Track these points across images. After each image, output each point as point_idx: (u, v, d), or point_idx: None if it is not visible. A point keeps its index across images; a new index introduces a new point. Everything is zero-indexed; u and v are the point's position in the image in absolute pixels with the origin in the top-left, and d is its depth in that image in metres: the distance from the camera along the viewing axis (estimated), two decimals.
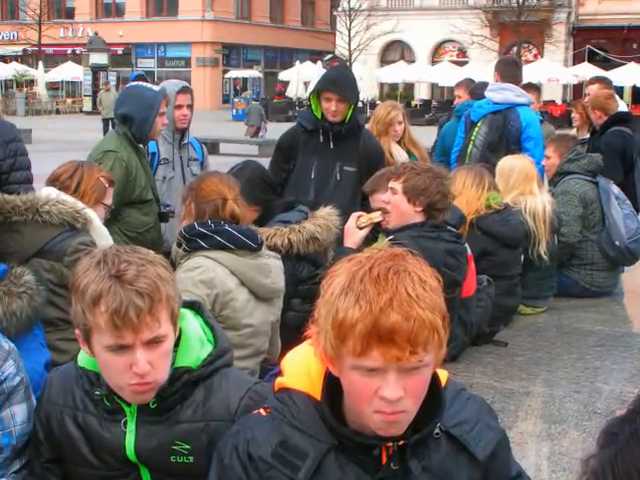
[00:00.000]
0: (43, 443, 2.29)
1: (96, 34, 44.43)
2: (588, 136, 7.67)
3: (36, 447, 2.32)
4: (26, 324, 2.79)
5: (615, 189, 6.40)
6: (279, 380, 1.95)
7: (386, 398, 1.68)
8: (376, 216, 4.45)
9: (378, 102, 25.58)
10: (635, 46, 41.59)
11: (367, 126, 6.13)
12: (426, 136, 9.68)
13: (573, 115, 8.70)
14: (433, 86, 45.27)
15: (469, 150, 6.57)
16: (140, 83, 5.41)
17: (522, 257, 5.63)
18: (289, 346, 2.13)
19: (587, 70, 33.78)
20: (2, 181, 4.92)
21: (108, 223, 4.04)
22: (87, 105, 43.30)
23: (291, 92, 41.73)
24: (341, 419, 1.81)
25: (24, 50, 53.94)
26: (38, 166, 5.63)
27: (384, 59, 48.23)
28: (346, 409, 1.82)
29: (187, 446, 2.16)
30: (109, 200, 3.93)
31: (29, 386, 2.39)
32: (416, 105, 42.07)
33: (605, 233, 6.27)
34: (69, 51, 53.43)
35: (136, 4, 54.62)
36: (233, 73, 51.74)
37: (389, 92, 44.41)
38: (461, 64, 41.49)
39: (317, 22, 57.89)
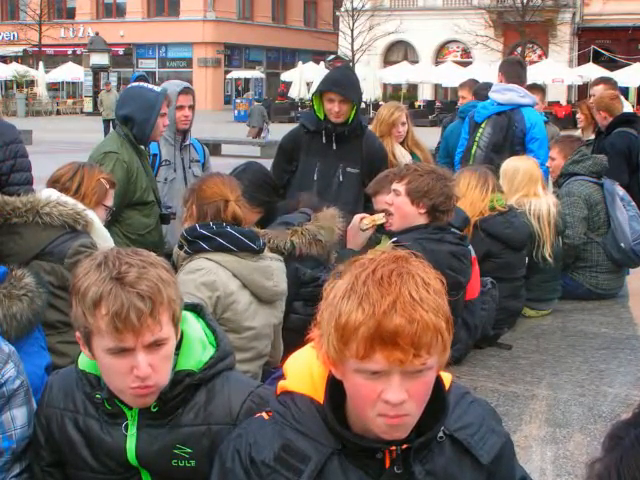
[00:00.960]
0: (43, 447, 2.29)
1: (97, 34, 44.30)
2: (593, 137, 7.66)
3: (36, 451, 2.31)
4: (26, 327, 2.78)
5: (620, 191, 6.37)
6: (281, 383, 1.94)
7: (389, 401, 1.67)
8: (379, 218, 4.43)
9: (381, 103, 25.58)
10: None
11: (370, 127, 6.11)
12: (430, 137, 9.67)
13: (578, 116, 8.68)
14: (437, 87, 45.33)
15: (473, 151, 6.55)
16: (141, 84, 5.38)
17: (526, 259, 5.61)
18: (291, 349, 2.12)
19: (592, 71, 33.80)
20: (2, 183, 4.91)
21: (109, 225, 4.04)
22: (88, 106, 43.30)
23: (293, 93, 41.76)
24: (344, 422, 1.80)
25: (24, 50, 54.00)
26: (38, 167, 5.62)
27: (387, 59, 48.26)
28: (349, 412, 1.81)
29: (189, 450, 2.16)
30: (110, 202, 3.92)
31: (29, 389, 2.38)
32: (419, 106, 42.14)
33: (610, 235, 6.24)
34: (70, 51, 53.51)
35: (137, 4, 54.65)
36: (235, 74, 51.78)
37: (392, 93, 44.46)
38: (465, 64, 41.52)
39: (320, 22, 57.89)
